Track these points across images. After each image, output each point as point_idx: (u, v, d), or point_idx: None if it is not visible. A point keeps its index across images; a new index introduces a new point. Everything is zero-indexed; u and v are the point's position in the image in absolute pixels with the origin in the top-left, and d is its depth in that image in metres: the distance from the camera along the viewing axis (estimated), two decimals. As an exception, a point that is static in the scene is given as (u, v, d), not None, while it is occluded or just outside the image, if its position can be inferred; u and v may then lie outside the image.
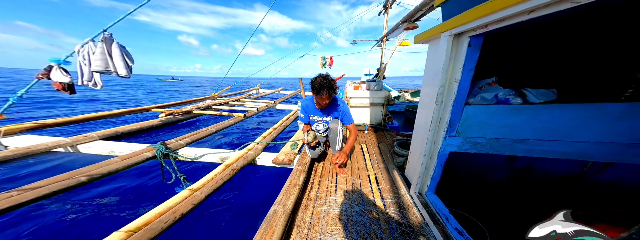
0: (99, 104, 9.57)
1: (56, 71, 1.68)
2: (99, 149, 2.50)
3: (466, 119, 0.98)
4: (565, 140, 0.81)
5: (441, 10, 1.53)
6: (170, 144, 2.51)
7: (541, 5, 0.58)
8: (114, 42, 1.81)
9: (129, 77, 1.89)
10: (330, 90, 1.73)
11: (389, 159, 2.24)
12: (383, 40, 6.73)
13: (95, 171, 1.80)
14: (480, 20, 0.80)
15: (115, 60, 1.81)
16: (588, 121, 0.78)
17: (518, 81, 0.97)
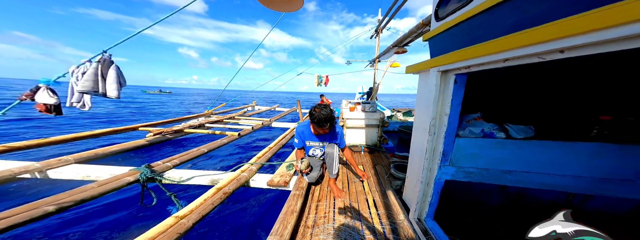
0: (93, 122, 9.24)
1: (43, 92, 1.61)
2: (73, 174, 2.26)
3: (458, 150, 1.05)
4: (549, 173, 0.88)
5: (428, 44, 1.69)
6: (156, 166, 2.37)
7: (514, 57, 0.68)
8: (113, 64, 1.81)
9: (119, 97, 1.86)
10: (332, 122, 1.81)
11: (386, 182, 2.25)
12: (375, 62, 7.11)
13: (68, 199, 1.63)
14: (464, 63, 0.91)
15: (108, 82, 1.78)
16: (565, 157, 0.86)
17: (499, 117, 1.07)
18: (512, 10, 0.83)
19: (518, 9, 0.78)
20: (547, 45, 0.56)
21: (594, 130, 0.95)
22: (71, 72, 1.73)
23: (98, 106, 13.24)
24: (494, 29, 0.91)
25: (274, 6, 2.18)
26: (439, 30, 1.43)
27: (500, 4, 0.88)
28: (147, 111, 13.52)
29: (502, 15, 0.87)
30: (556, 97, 1.12)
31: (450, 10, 1.34)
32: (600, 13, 0.44)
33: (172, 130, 4.19)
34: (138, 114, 11.79)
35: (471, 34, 1.11)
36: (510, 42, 0.68)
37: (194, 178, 2.31)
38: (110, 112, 11.36)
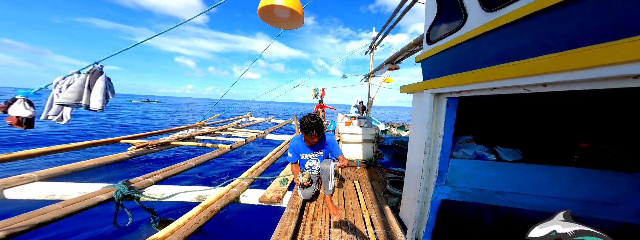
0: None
1: (19, 104, 1.52)
2: (36, 193, 2.00)
3: (453, 171, 1.07)
4: (537, 194, 0.91)
5: (421, 65, 1.77)
6: (135, 182, 2.19)
7: (501, 87, 0.73)
8: (102, 75, 1.74)
9: (103, 110, 1.76)
10: (318, 129, 1.81)
11: (382, 199, 2.22)
12: (370, 77, 7.33)
13: (22, 223, 1.42)
14: (455, 88, 0.96)
15: (94, 93, 1.69)
16: (550, 180, 0.90)
17: (489, 140, 1.12)
18: (497, 39, 0.90)
19: (503, 39, 0.85)
20: (531, 79, 0.61)
21: (575, 156, 1.00)
22: (55, 84, 1.64)
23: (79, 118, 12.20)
24: (482, 56, 0.98)
25: (275, 24, 2.27)
26: (430, 53, 1.51)
27: (486, 34, 0.95)
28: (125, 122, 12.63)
29: (488, 44, 0.94)
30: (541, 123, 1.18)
31: (441, 34, 1.44)
32: (577, 54, 0.49)
33: (158, 143, 3.83)
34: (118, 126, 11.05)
35: (461, 59, 1.18)
36: (497, 73, 0.73)
37: (178, 195, 2.15)
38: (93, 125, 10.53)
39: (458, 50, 1.20)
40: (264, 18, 2.16)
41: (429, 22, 1.58)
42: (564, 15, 0.57)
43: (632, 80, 0.41)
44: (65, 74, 1.70)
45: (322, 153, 2.09)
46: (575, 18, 0.55)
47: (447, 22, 1.38)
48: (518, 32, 0.73)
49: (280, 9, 1.98)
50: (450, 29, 1.30)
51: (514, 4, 0.76)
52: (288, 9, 1.90)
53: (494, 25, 0.82)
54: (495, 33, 0.87)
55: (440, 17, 1.45)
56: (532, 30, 0.67)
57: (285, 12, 2.05)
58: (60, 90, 1.64)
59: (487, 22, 0.87)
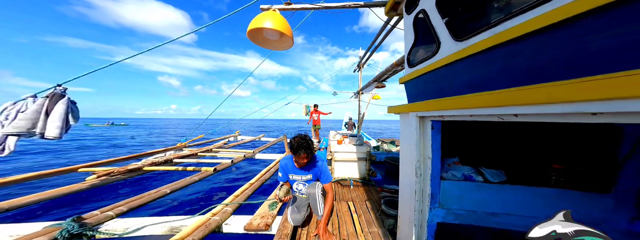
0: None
1: None
2: None
3: (444, 192, 1.06)
4: (526, 215, 0.92)
5: (405, 87, 1.85)
6: (90, 217, 1.92)
7: (478, 115, 0.77)
8: (64, 98, 1.57)
9: (61, 138, 1.57)
10: (307, 150, 1.78)
11: (378, 221, 2.14)
12: (359, 94, 7.55)
13: None
14: (438, 112, 1.00)
15: (51, 120, 1.50)
16: (535, 201, 0.92)
17: (474, 161, 1.15)
18: (468, 68, 0.97)
19: (473, 67, 0.92)
20: (504, 109, 0.65)
21: (552, 177, 1.05)
22: (1, 110, 1.45)
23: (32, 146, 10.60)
24: (458, 82, 1.05)
25: (265, 45, 2.34)
26: (412, 75, 1.60)
27: (459, 61, 1.03)
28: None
29: (461, 71, 1.01)
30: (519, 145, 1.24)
31: (420, 58, 1.53)
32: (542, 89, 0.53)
33: (126, 169, 3.42)
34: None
35: (440, 84, 1.25)
36: (474, 101, 0.77)
37: (147, 228, 1.90)
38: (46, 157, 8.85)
39: (436, 74, 1.27)
40: (253, 40, 2.22)
41: (409, 46, 1.69)
42: (518, 50, 0.63)
43: (591, 116, 0.45)
44: (13, 100, 1.48)
45: (311, 177, 2.03)
46: (525, 54, 0.61)
47: (425, 47, 1.48)
48: (485, 61, 0.79)
49: (270, 31, 2.05)
50: (427, 54, 1.39)
51: (478, 35, 0.83)
52: (277, 31, 1.98)
53: (464, 54, 0.89)
54: (466, 61, 0.94)
55: (417, 42, 1.56)
56: (496, 60, 0.74)
57: (275, 34, 2.12)
58: (7, 117, 1.43)
59: (457, 51, 0.95)
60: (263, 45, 2.31)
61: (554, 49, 0.53)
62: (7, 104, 1.47)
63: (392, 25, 3.13)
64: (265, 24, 1.89)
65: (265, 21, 1.92)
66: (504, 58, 0.70)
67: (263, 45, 2.31)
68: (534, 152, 1.21)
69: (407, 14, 1.67)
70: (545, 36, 0.55)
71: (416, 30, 1.56)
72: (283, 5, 2.54)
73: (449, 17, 1.10)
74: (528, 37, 0.59)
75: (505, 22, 0.68)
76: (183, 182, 3.02)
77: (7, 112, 1.45)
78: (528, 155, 1.21)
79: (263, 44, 2.30)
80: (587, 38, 0.46)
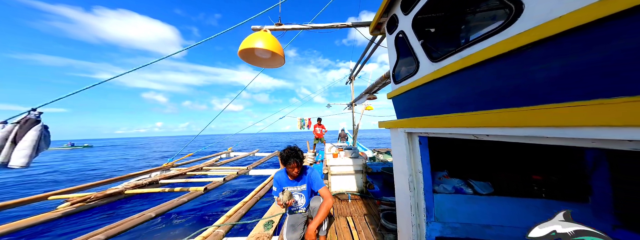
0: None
1: None
2: None
3: (438, 206, 1.09)
4: (518, 226, 0.95)
5: (392, 102, 1.93)
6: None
7: (456, 133, 0.83)
8: (38, 124, 1.48)
9: (28, 166, 1.47)
10: (297, 159, 1.80)
11: (378, 237, 2.11)
12: (352, 105, 7.69)
13: None
14: (423, 129, 1.06)
15: (20, 148, 1.40)
16: (523, 212, 0.96)
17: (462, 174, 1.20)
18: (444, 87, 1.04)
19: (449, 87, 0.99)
20: (477, 130, 0.70)
21: (534, 187, 1.10)
22: None
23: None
24: (438, 99, 1.12)
25: (257, 64, 2.40)
26: (398, 91, 1.68)
27: (435, 81, 1.10)
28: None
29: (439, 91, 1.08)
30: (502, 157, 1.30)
31: (403, 75, 1.62)
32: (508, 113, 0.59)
33: (105, 194, 3.19)
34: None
35: (423, 100, 1.32)
36: (452, 122, 0.83)
37: None
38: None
39: (418, 91, 1.34)
40: (245, 59, 2.28)
41: (393, 63, 1.79)
42: (481, 74, 0.70)
43: (545, 139, 0.50)
44: None
45: (305, 187, 2.01)
46: (487, 78, 0.68)
47: (407, 66, 1.57)
48: (458, 82, 0.86)
49: (261, 51, 2.12)
50: (409, 71, 1.48)
51: (448, 58, 0.91)
52: (268, 50, 2.05)
53: (439, 74, 0.97)
54: (442, 81, 1.02)
55: (399, 60, 1.66)
56: (466, 82, 0.81)
57: (266, 53, 2.19)
58: None
59: (434, 71, 1.03)
60: (255, 63, 2.37)
61: (506, 75, 0.60)
62: None
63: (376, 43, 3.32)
64: (257, 44, 1.96)
65: (256, 41, 2.00)
66: (470, 80, 0.77)
67: (255, 63, 2.37)
68: (515, 163, 1.27)
69: (388, 33, 1.79)
70: (499, 63, 0.62)
71: (398, 49, 1.66)
72: (274, 26, 2.67)
73: (424, 39, 1.20)
74: (487, 62, 0.66)
75: (469, 48, 0.76)
76: (170, 204, 2.84)
77: None
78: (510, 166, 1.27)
79: (255, 63, 2.37)
80: (530, 68, 0.53)
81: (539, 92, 0.52)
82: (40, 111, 1.52)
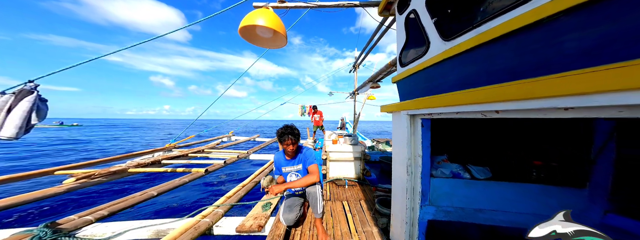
0: None
1: None
2: None
3: (434, 190, 1.08)
4: (512, 211, 0.94)
5: (397, 86, 1.87)
6: (66, 222, 1.82)
7: (462, 112, 0.79)
8: (32, 95, 1.47)
9: (17, 138, 1.45)
10: (292, 136, 1.81)
11: (372, 221, 2.15)
12: (355, 94, 7.58)
13: None
14: (426, 110, 1.01)
15: (10, 118, 1.40)
16: (519, 197, 0.94)
17: (461, 159, 1.17)
18: (455, 66, 0.98)
19: (460, 66, 0.94)
20: (486, 106, 0.66)
21: (533, 172, 1.08)
22: None
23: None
24: (446, 81, 1.06)
25: (258, 43, 2.31)
26: (404, 75, 1.61)
27: (446, 60, 1.04)
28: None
29: (449, 70, 1.03)
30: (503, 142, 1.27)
31: (411, 58, 1.55)
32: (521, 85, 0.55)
33: (109, 171, 3.18)
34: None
35: (430, 82, 1.27)
36: (459, 99, 0.79)
37: (129, 232, 1.82)
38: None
39: (426, 73, 1.29)
40: (245, 37, 2.19)
41: (400, 46, 1.71)
42: (499, 50, 0.65)
43: (564, 111, 0.46)
44: None
45: (301, 167, 2.03)
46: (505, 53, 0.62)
47: (415, 47, 1.50)
48: (470, 61, 0.81)
49: (262, 29, 2.03)
50: (418, 53, 1.42)
51: (463, 36, 0.85)
52: (270, 29, 1.96)
53: (451, 53, 0.91)
54: (453, 60, 0.96)
55: (408, 42, 1.58)
56: (480, 60, 0.75)
57: (268, 32, 2.10)
58: None
59: (445, 50, 0.97)
60: (256, 43, 2.28)
61: (530, 48, 0.55)
62: None
63: (386, 25, 3.16)
64: (258, 22, 1.87)
65: (257, 18, 1.91)
66: (486, 57, 0.72)
67: (256, 43, 2.28)
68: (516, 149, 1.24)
69: (399, 14, 1.69)
70: (522, 36, 0.57)
71: (407, 30, 1.58)
72: (277, 3, 2.54)
73: (438, 18, 1.12)
74: (507, 37, 0.61)
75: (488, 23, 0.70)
76: (172, 184, 2.88)
77: None
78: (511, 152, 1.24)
79: (256, 42, 2.28)
80: (558, 37, 0.48)
81: (564, 62, 0.47)
82: (37, 83, 1.51)
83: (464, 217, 1.03)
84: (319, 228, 1.88)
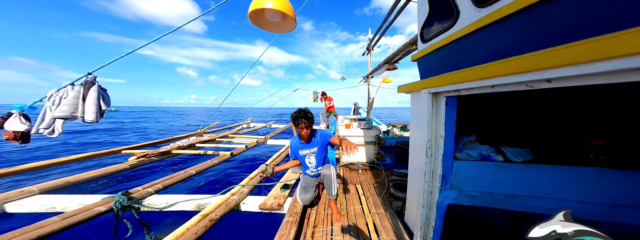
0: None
1: (15, 119, 1.52)
2: (36, 206, 2.01)
3: (457, 173, 1.01)
4: (554, 198, 0.84)
5: (417, 64, 1.73)
6: (135, 192, 2.21)
7: (501, 84, 0.68)
8: (95, 85, 1.70)
9: (97, 122, 1.72)
10: (305, 119, 1.81)
11: (386, 203, 2.16)
12: (368, 77, 7.30)
13: (19, 238, 1.41)
14: (453, 86, 0.91)
15: (87, 105, 1.65)
16: (568, 182, 0.83)
17: (494, 139, 1.06)
18: (491, 36, 0.85)
19: (497, 35, 0.81)
20: (534, 74, 0.56)
21: (590, 154, 0.94)
22: (48, 97, 1.61)
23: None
24: (478, 53, 0.94)
25: (267, 28, 2.25)
26: (426, 51, 1.47)
27: (480, 30, 0.91)
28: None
29: (483, 41, 0.90)
30: (548, 119, 1.10)
31: (435, 32, 1.40)
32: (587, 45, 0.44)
33: (159, 152, 3.91)
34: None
35: (457, 56, 1.14)
36: (497, 70, 0.68)
37: (178, 204, 2.14)
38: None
39: (453, 47, 1.16)
40: (255, 22, 2.13)
41: (422, 20, 1.55)
42: (557, 8, 0.53)
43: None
44: (57, 87, 1.66)
45: (316, 149, 2.03)
46: (566, 13, 0.50)
47: (440, 20, 1.35)
48: (511, 27, 0.68)
49: (271, 12, 1.95)
50: (443, 26, 1.27)
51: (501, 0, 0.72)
52: (279, 12, 1.88)
53: (486, 21, 0.78)
54: (489, 29, 0.83)
55: (432, 15, 1.42)
56: (525, 25, 0.63)
57: (276, 16, 2.02)
58: (54, 103, 1.60)
59: (479, 18, 0.84)
60: (266, 28, 2.23)
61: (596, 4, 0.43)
62: (52, 92, 1.63)
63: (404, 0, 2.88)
64: (267, 4, 1.80)
65: (266, 2, 1.84)
66: (537, 20, 0.60)
67: (266, 28, 2.23)
68: (566, 127, 1.07)
69: (422, -19, 1.50)
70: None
71: (431, 2, 1.41)
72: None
73: None
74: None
75: None
76: (205, 165, 3.30)
77: (53, 98, 1.61)
78: (559, 130, 1.08)
79: (266, 27, 2.22)
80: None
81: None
82: (95, 75, 1.74)
83: (491, 203, 0.96)
84: (333, 208, 1.93)
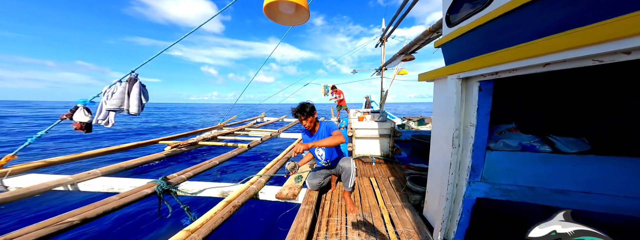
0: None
1: (80, 111, 1.78)
2: (100, 186, 2.47)
3: (491, 165, 0.93)
4: (618, 195, 0.73)
5: (442, 51, 1.62)
6: (171, 178, 2.48)
7: (557, 61, 0.59)
8: (137, 81, 1.93)
9: (139, 114, 1.96)
10: (300, 113, 1.88)
11: (402, 196, 2.10)
12: (382, 70, 7.08)
13: (91, 212, 1.74)
14: (490, 69, 0.82)
15: (131, 99, 1.89)
16: (633, 176, 0.71)
17: (540, 128, 0.93)
18: (541, 11, 0.75)
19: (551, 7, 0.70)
20: (606, 45, 0.47)
21: None
22: (103, 92, 1.86)
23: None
24: (523, 32, 0.83)
25: (281, 21, 2.23)
26: (452, 36, 1.36)
27: (525, 6, 0.80)
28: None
29: (531, 18, 0.79)
30: (610, 104, 0.91)
31: (464, 15, 1.28)
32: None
33: (188, 143, 4.42)
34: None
35: (492, 39, 1.03)
36: (555, 44, 0.59)
37: (206, 190, 2.36)
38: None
39: (487, 29, 1.05)
40: (269, 15, 2.13)
41: (448, 3, 1.43)
42: None
43: None
44: (111, 84, 1.92)
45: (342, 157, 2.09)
46: None
47: (470, 1, 1.23)
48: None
49: (285, 5, 1.96)
50: (474, 7, 1.16)
51: None
52: (293, 3, 1.87)
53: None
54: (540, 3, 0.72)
55: None
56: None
57: (290, 7, 2.02)
58: (107, 97, 1.86)
59: None
60: (279, 21, 2.23)
61: None
62: (106, 88, 1.89)
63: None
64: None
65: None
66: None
67: (279, 21, 2.23)
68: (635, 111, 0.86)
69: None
70: None
71: None
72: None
73: None
74: None
75: None
76: (227, 156, 3.61)
77: (106, 93, 1.87)
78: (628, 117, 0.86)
79: (280, 21, 2.22)
80: None
81: None
82: (137, 73, 1.96)
83: (532, 198, 0.85)
84: (347, 199, 1.93)
